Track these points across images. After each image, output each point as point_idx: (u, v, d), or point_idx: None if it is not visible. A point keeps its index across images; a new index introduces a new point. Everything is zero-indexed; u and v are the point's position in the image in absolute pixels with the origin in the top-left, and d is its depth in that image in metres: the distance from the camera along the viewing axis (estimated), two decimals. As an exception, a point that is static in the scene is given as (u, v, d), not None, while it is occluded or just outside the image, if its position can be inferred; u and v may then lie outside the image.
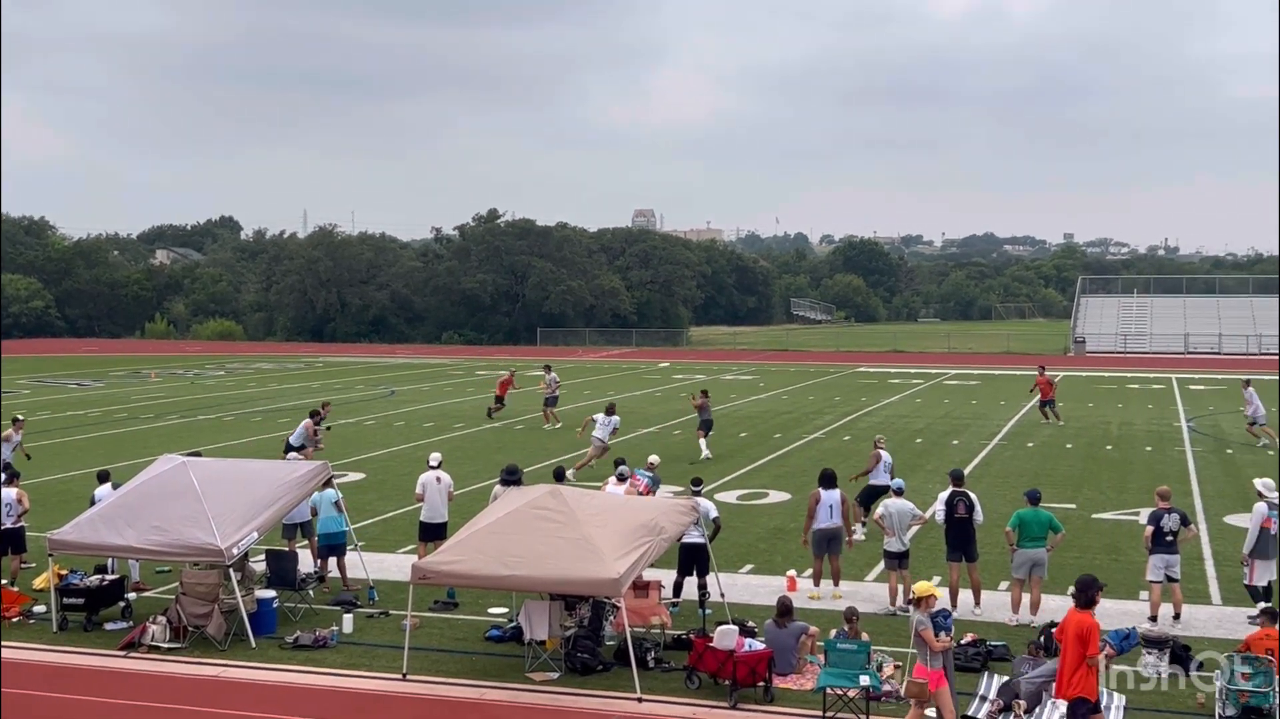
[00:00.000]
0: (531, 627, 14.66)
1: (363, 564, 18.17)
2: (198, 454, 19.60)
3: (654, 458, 21.30)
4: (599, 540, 14.03)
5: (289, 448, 26.51)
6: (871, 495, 21.15)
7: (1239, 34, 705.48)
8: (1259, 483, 16.92)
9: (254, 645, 15.37)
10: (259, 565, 17.62)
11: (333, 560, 18.26)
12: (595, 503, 15.41)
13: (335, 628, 15.84)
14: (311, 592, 17.31)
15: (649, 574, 15.54)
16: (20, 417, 27.30)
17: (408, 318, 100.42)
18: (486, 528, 14.77)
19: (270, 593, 16.42)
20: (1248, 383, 34.73)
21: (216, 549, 15.38)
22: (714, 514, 17.21)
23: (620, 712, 13.17)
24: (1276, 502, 16.42)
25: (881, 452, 21.84)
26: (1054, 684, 11.87)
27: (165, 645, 15.28)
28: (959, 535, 16.79)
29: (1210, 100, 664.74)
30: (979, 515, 16.83)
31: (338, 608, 16.64)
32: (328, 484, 18.13)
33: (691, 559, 16.68)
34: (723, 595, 16.22)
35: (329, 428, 30.56)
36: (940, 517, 17.05)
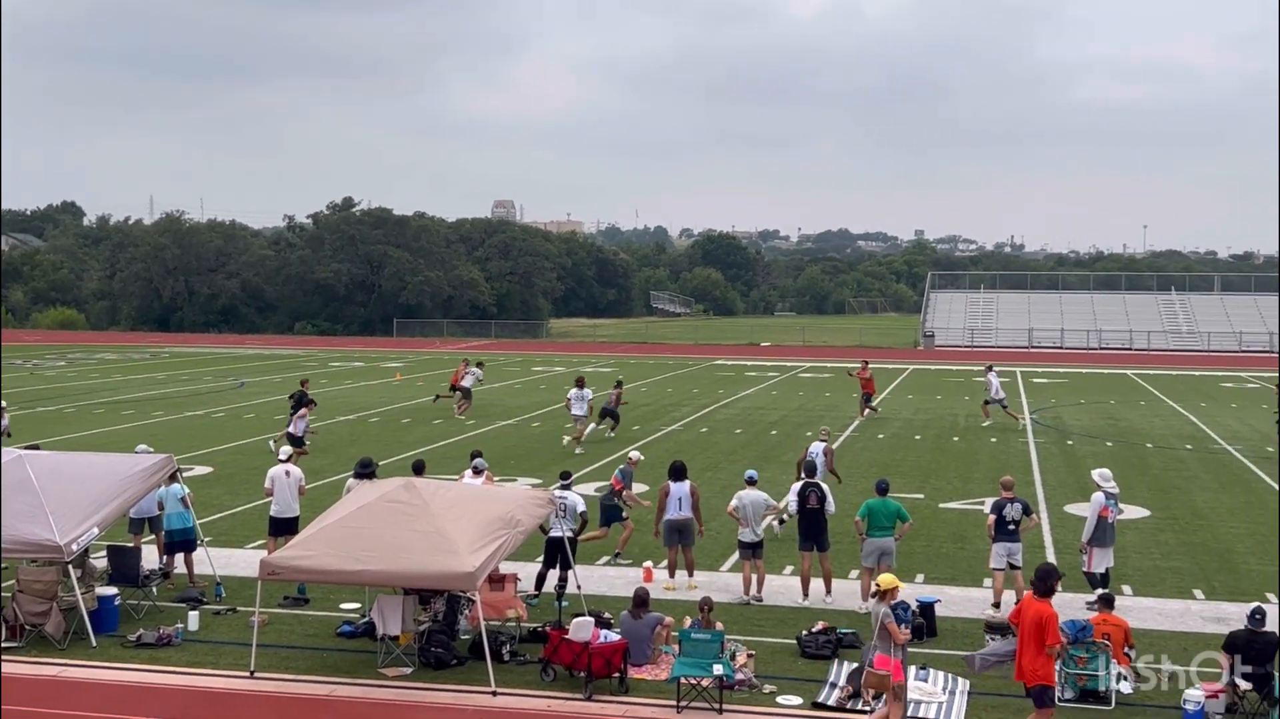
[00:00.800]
0: (384, 622, 14.44)
1: (209, 560, 17.69)
2: (35, 448, 18.88)
3: (635, 453, 21.74)
4: (454, 533, 13.89)
5: (293, 439, 26.58)
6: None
7: (1084, 37, 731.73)
8: (1096, 474, 17.54)
9: (94, 644, 14.85)
10: (100, 562, 17.04)
11: (179, 556, 17.75)
12: (450, 495, 15.24)
13: (180, 625, 15.40)
14: (155, 588, 16.79)
15: (505, 567, 15.46)
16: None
17: (259, 307, 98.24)
18: (338, 522, 14.51)
19: (112, 590, 15.89)
20: (990, 368, 38.26)
21: (55, 545, 14.82)
22: (581, 508, 17.18)
23: (474, 706, 13.07)
24: (1114, 491, 17.05)
25: (818, 444, 22.03)
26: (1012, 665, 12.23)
27: (1, 645, 14.68)
28: (811, 525, 17.06)
29: (1055, 102, 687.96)
30: (830, 506, 17.12)
31: (183, 605, 16.18)
32: (173, 478, 17.62)
33: (556, 552, 16.64)
34: (579, 588, 16.22)
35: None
36: (793, 507, 17.30)
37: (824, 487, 17.30)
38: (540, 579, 17.05)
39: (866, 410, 37.98)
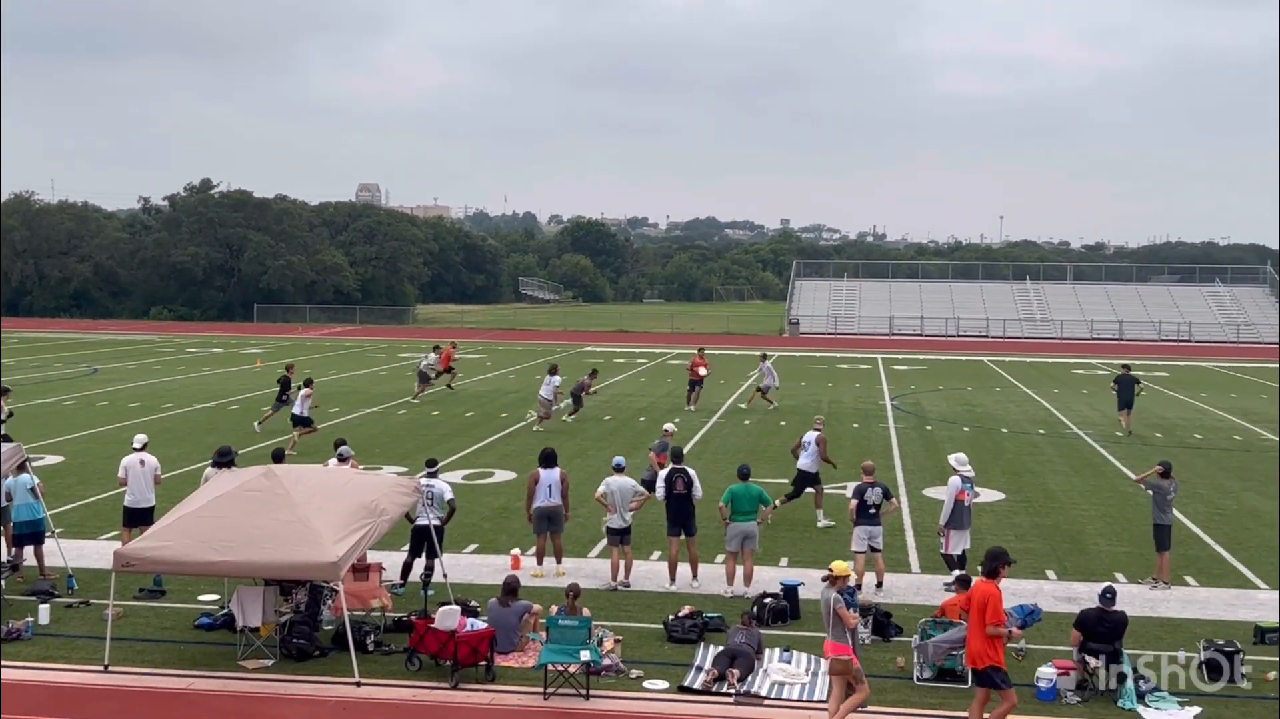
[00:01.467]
0: (244, 613, 14.13)
1: (61, 552, 17.09)
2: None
3: (670, 425, 22.48)
4: (316, 522, 13.63)
5: (297, 420, 28.34)
6: (803, 483, 21.38)
7: (945, 31, 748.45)
8: (953, 458, 17.96)
9: (-64, 642, 14.25)
10: (-58, 556, 16.35)
11: (29, 549, 17.12)
12: (313, 483, 14.93)
13: (30, 619, 14.85)
14: (4, 582, 16.17)
15: (370, 556, 15.25)
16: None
17: (112, 292, 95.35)
18: (195, 511, 14.13)
19: (-45, 585, 15.26)
20: (765, 356, 39.45)
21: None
22: (449, 496, 17.00)
23: (337, 697, 12.88)
24: (969, 475, 17.49)
25: (812, 433, 21.78)
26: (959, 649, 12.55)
27: None
28: (678, 510, 17.17)
29: (916, 94, 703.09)
30: (698, 491, 17.23)
31: (33, 598, 15.62)
32: (22, 468, 16.99)
33: (422, 540, 16.47)
34: (445, 576, 16.07)
35: None
36: (660, 493, 17.39)
37: (690, 472, 17.41)
38: (406, 568, 16.86)
39: (694, 399, 37.30)
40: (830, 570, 12.35)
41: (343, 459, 18.56)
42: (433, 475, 17.11)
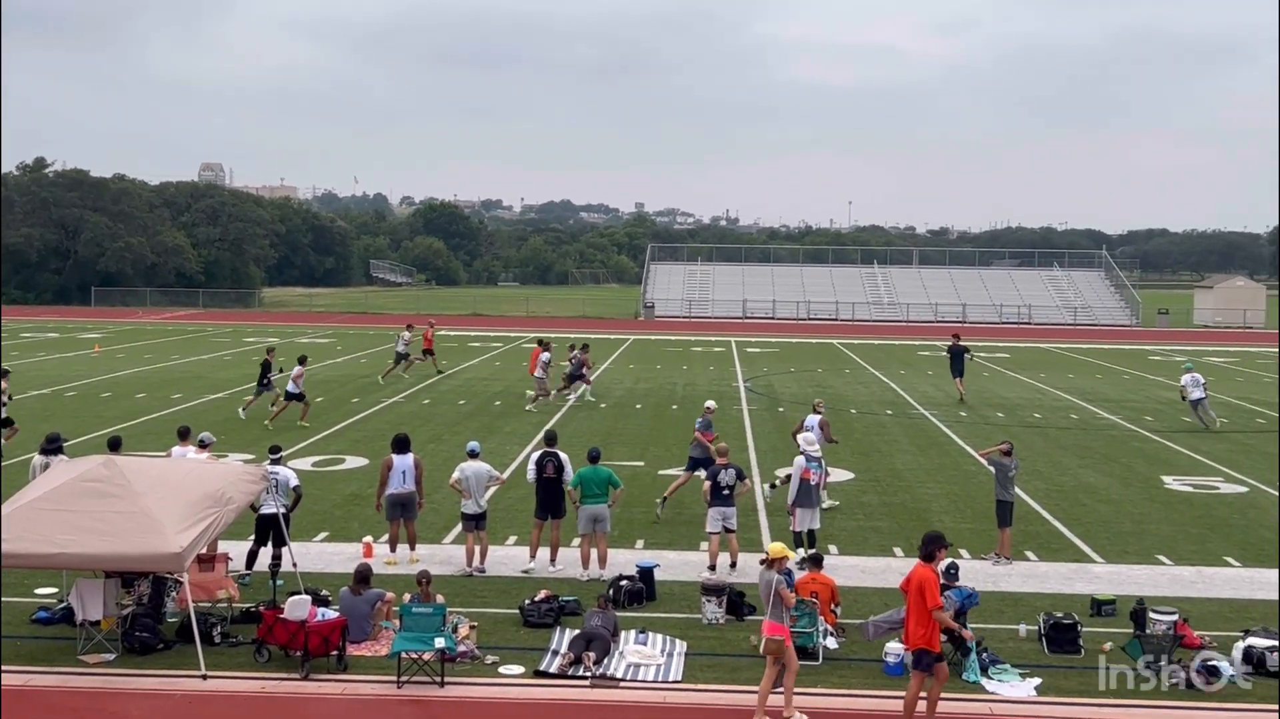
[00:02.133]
0: (84, 607, 13.62)
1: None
2: None
3: (711, 403, 22.74)
4: (159, 513, 13.20)
5: (291, 396, 29.21)
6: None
7: (799, 18, 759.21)
8: (801, 438, 18.26)
9: None
10: None
11: None
12: (154, 473, 14.46)
13: None
14: None
15: (220, 545, 14.84)
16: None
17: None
18: (30, 503, 13.56)
19: None
20: (584, 346, 38.30)
21: None
22: (294, 483, 16.65)
23: (182, 691, 12.51)
24: (816, 455, 17.77)
25: (814, 416, 21.84)
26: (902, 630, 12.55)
27: None
28: (548, 494, 17.15)
29: (769, 80, 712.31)
30: (569, 474, 17.19)
31: None
32: None
33: (268, 529, 16.09)
34: (295, 565, 15.73)
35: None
36: (531, 476, 17.35)
37: (562, 456, 17.39)
38: (251, 557, 16.46)
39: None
40: (767, 554, 12.52)
41: (203, 445, 18.04)
42: (277, 463, 16.74)
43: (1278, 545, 18.94)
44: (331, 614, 13.57)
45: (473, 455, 17.55)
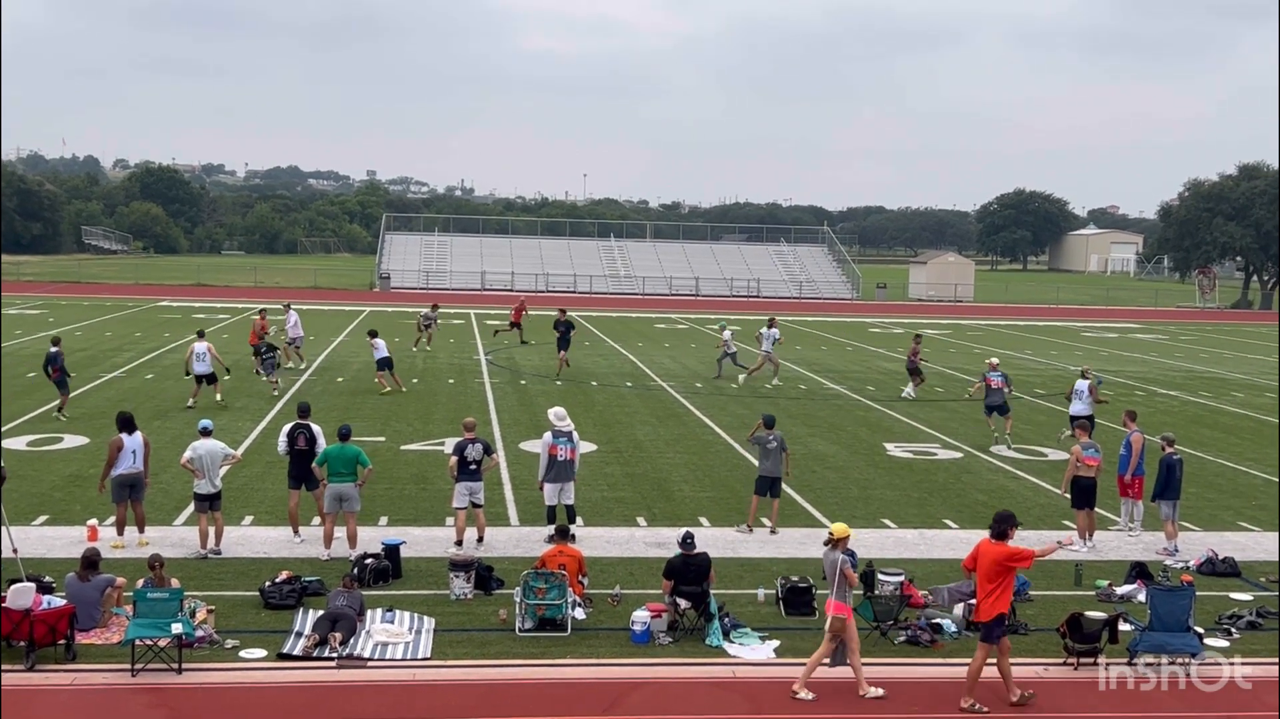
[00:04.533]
0: None
1: None
2: None
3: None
4: None
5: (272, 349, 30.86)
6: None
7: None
8: (551, 413, 18.34)
9: None
10: None
11: None
12: None
13: None
14: None
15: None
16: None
17: None
18: None
19: None
20: (288, 306, 39.04)
21: None
22: (-1, 464, 15.64)
23: (-110, 692, 11.59)
24: (566, 429, 17.88)
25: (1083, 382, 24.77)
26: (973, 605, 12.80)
27: None
28: (299, 467, 16.94)
29: (505, 50, 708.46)
30: (321, 446, 16.81)
31: None
32: None
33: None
34: (15, 551, 14.78)
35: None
36: (282, 448, 17.06)
37: (315, 428, 17.01)
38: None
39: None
40: (831, 534, 12.58)
41: None
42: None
43: (989, 508, 20.28)
44: (58, 602, 12.84)
45: (205, 433, 16.91)
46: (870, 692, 12.26)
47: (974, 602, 12.81)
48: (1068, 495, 18.22)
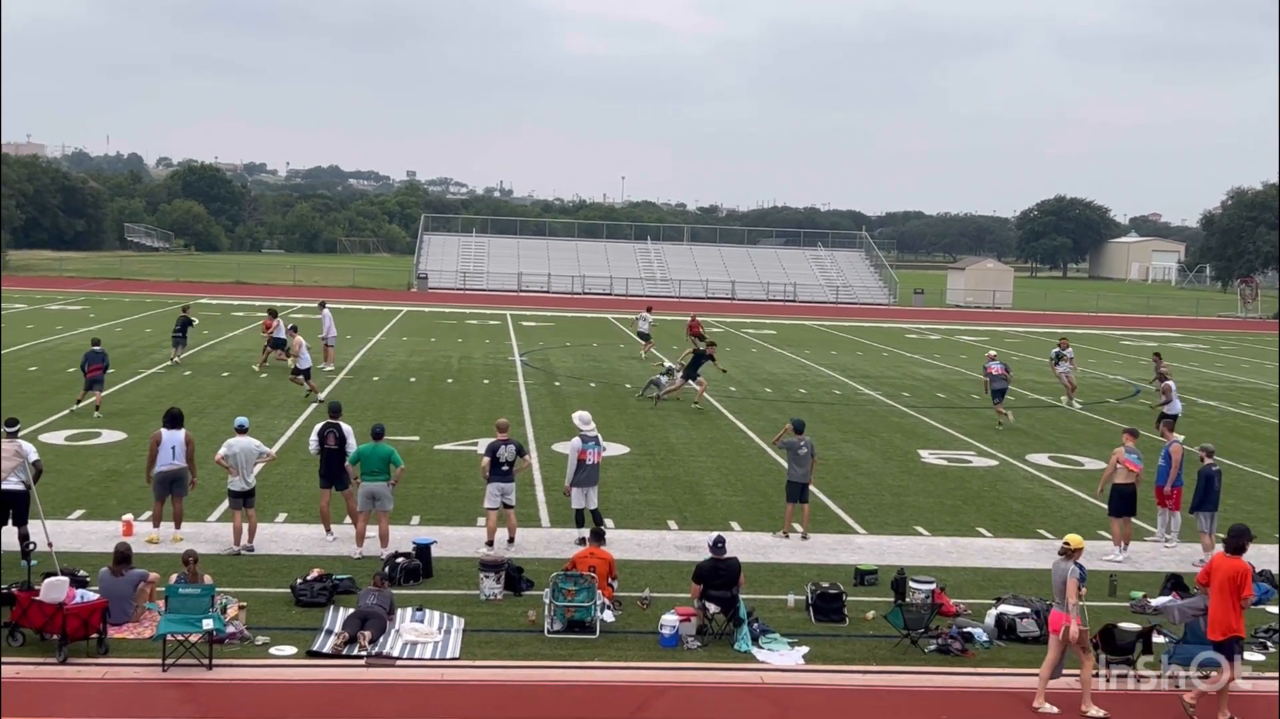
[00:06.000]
0: None
1: None
2: None
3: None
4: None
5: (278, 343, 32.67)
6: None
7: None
8: (576, 417, 18.32)
9: None
10: None
11: None
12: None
13: None
14: None
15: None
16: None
17: None
18: None
19: None
20: (323, 304, 38.50)
21: None
22: (34, 457, 15.76)
23: (-75, 682, 11.73)
24: (591, 435, 17.81)
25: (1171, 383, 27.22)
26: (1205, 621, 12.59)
27: None
28: (330, 466, 16.93)
29: (544, 52, 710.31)
30: (351, 446, 16.87)
31: None
32: None
33: (9, 507, 15.19)
34: (51, 545, 14.93)
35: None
36: (314, 447, 17.06)
37: (344, 427, 17.06)
38: (-9, 537, 15.53)
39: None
40: (1067, 543, 12.38)
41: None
42: (13, 436, 15.80)
43: (1026, 518, 20.13)
44: (91, 596, 12.96)
45: (241, 431, 17.02)
46: (1094, 710, 12.08)
47: (1004, 610, 12.71)
48: (1104, 496, 18.07)
